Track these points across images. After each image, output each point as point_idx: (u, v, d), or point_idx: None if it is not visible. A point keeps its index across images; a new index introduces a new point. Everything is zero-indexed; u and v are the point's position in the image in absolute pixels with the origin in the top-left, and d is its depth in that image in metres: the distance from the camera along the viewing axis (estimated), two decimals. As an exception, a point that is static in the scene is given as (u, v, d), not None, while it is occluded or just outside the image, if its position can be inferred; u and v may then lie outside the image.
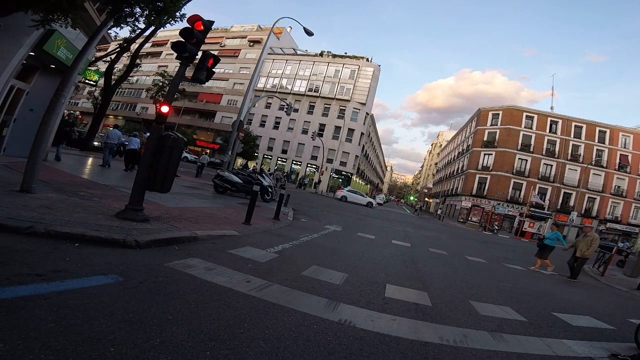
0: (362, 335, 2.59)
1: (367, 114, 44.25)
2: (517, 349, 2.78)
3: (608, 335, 3.74)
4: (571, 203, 36.30)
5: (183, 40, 5.07)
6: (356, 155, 43.26)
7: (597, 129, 38.79)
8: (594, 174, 36.73)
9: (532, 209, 31.83)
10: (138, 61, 28.89)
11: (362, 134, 43.59)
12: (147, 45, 58.63)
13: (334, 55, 47.20)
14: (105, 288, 2.51)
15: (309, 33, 18.15)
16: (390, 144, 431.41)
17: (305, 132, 42.98)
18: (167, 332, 2.05)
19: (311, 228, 8.49)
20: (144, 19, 7.67)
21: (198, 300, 2.67)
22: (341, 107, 43.31)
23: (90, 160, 13.00)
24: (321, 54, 48.30)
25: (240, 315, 2.54)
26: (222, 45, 52.23)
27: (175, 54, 5.15)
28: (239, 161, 41.84)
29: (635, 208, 37.20)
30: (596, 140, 38.40)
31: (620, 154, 37.92)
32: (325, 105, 44.18)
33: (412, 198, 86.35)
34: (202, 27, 5.22)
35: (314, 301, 3.16)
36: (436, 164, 78.08)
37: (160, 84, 41.13)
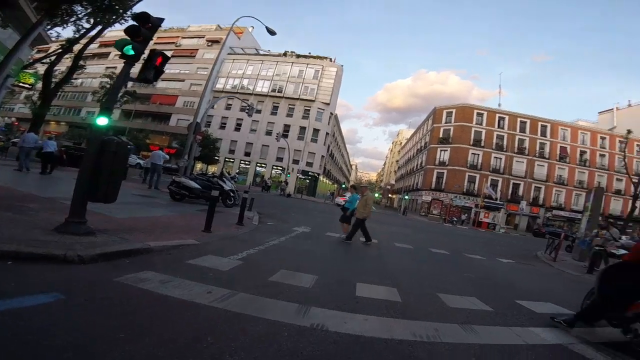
0: (335, 339, 2.49)
1: (332, 114, 44.61)
2: (489, 340, 2.83)
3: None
4: (520, 193, 39.41)
5: (128, 39, 4.68)
6: (322, 156, 43.44)
7: (539, 123, 42.37)
8: (538, 165, 40.06)
9: (485, 200, 34.00)
10: (82, 62, 26.57)
11: (327, 134, 43.86)
12: (94, 45, 54.87)
13: (298, 56, 46.92)
14: (44, 308, 2.22)
15: (271, 32, 17.77)
16: (354, 144, 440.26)
17: (269, 133, 42.28)
18: (118, 352, 1.83)
19: (278, 231, 8.28)
20: (87, 18, 7.04)
21: (153, 315, 2.43)
22: (306, 108, 43.21)
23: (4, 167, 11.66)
24: (285, 54, 47.81)
25: (202, 328, 2.34)
26: (178, 45, 49.94)
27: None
28: (199, 166, 40.17)
29: (576, 195, 40.68)
30: (539, 134, 41.85)
31: (560, 146, 41.67)
32: (290, 106, 43.84)
33: (376, 195, 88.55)
34: (149, 25, 4.84)
35: (283, 307, 3.02)
36: (397, 161, 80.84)
37: (108, 86, 38.25)
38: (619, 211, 38.68)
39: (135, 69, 4.74)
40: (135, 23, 4.80)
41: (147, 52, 4.98)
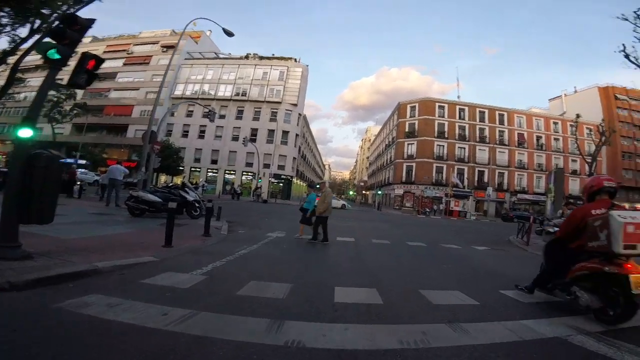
0: (314, 356, 2.15)
1: (300, 114, 44.22)
2: (482, 339, 2.60)
3: (557, 307, 3.66)
4: (485, 179, 41.29)
5: (53, 42, 4.16)
6: (294, 157, 42.91)
7: (497, 112, 44.64)
8: (499, 152, 42.14)
9: (454, 189, 35.19)
10: (21, 75, 24.06)
11: (297, 135, 43.39)
12: (37, 57, 50.87)
13: (261, 58, 46.03)
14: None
15: (228, 33, 17.08)
16: (325, 144, 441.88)
17: (235, 138, 41.07)
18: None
19: (250, 239, 7.81)
20: (12, 25, 6.26)
21: (95, 345, 2.08)
22: (273, 110, 42.47)
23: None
24: (247, 57, 46.71)
25: (155, 357, 1.99)
26: (130, 52, 47.43)
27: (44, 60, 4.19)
28: (163, 178, 38.18)
29: (537, 178, 43.14)
30: (497, 122, 44.08)
31: (518, 133, 44.18)
32: (256, 109, 42.90)
33: (351, 193, 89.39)
34: (77, 26, 4.31)
35: (253, 324, 2.64)
36: (367, 157, 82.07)
37: (55, 99, 35.33)
38: (577, 191, 41.43)
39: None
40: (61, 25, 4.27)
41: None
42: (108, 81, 47.12)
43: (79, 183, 15.74)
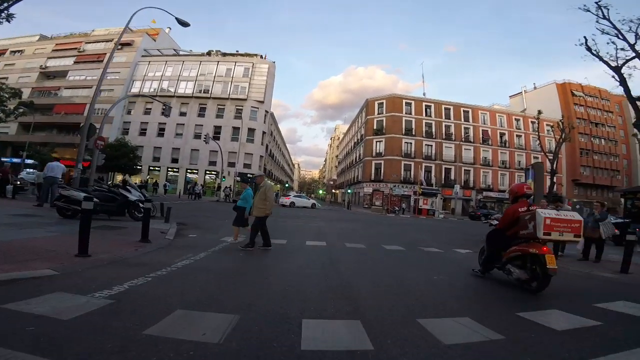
0: None
1: (267, 111, 42.46)
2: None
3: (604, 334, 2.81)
4: (452, 177, 41.80)
5: None
6: (261, 156, 41.08)
7: (462, 109, 44.66)
8: (465, 149, 42.80)
9: (422, 187, 35.33)
10: None
11: (264, 132, 41.60)
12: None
13: (224, 54, 43.50)
14: None
15: (183, 24, 15.37)
16: (294, 143, 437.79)
17: (198, 136, 38.52)
18: None
19: (200, 245, 6.46)
20: None
21: None
22: (237, 107, 40.34)
23: None
24: (209, 53, 44.05)
25: None
26: (82, 50, 43.51)
27: None
28: (119, 177, 34.93)
29: (501, 175, 43.88)
30: (462, 119, 44.07)
31: (482, 130, 44.33)
32: (219, 106, 40.56)
33: (321, 192, 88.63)
34: None
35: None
36: (337, 156, 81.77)
37: (-3, 97, 31.24)
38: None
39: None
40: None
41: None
42: (58, 79, 43.34)
43: (18, 183, 14.66)
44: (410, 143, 42.06)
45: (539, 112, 25.92)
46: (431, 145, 42.68)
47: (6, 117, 31.87)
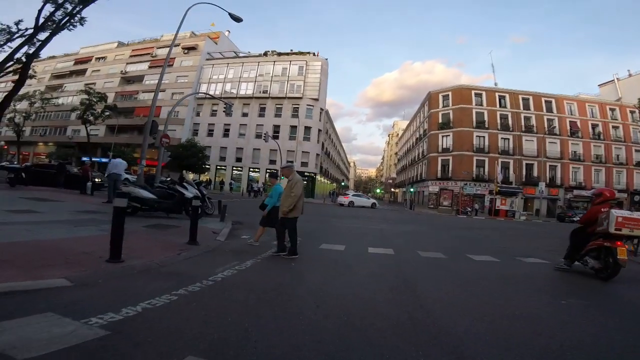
0: None
1: (322, 109, 41.94)
2: None
3: None
4: (535, 174, 36.54)
5: None
6: (317, 154, 40.72)
7: (543, 99, 39.46)
8: (550, 142, 37.09)
9: (500, 185, 31.25)
10: (60, 82, 23.81)
11: (319, 130, 41.18)
12: (69, 64, 52.72)
13: (280, 54, 44.27)
14: None
15: (236, 19, 15.25)
16: (349, 141, 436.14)
17: (259, 136, 39.52)
18: None
19: (251, 249, 5.67)
20: None
21: None
22: (294, 106, 40.56)
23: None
24: (265, 54, 45.29)
25: None
26: (154, 55, 47.61)
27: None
28: (191, 175, 37.59)
29: (595, 171, 37.61)
30: (544, 110, 38.87)
31: (570, 121, 38.64)
32: (277, 106, 41.22)
33: (378, 191, 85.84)
34: None
35: None
36: (396, 153, 78.13)
37: (87, 102, 36.16)
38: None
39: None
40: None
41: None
42: (136, 84, 48.01)
43: (98, 180, 15.63)
44: (483, 137, 37.71)
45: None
46: (508, 139, 37.78)
47: (95, 119, 36.48)
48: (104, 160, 40.62)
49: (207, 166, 38.57)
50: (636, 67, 77.66)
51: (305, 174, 39.40)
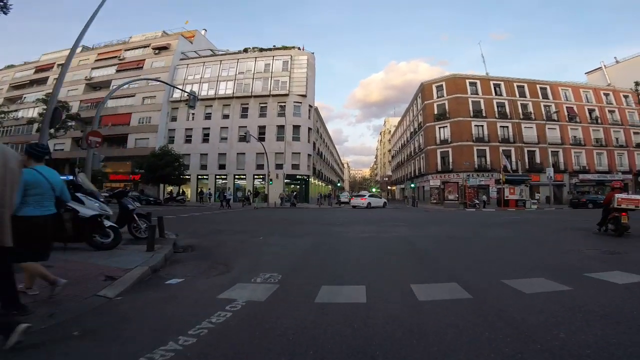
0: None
1: (311, 106, 38.99)
2: None
3: None
4: (537, 160, 34.94)
5: None
6: (309, 154, 37.64)
7: (538, 86, 38.82)
8: (549, 128, 35.19)
9: (507, 173, 28.90)
10: (19, 92, 20.14)
11: (309, 129, 38.14)
12: (29, 72, 48.25)
13: (261, 49, 40.94)
14: None
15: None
16: (342, 143, 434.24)
17: (242, 139, 36.19)
18: None
19: (174, 315, 2.59)
20: None
21: None
22: (280, 104, 37.43)
23: None
24: (245, 50, 41.90)
25: None
26: (122, 58, 43.70)
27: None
28: (169, 189, 33.92)
29: (597, 154, 37.12)
30: (540, 96, 38.15)
31: (567, 107, 38.08)
32: (261, 105, 37.97)
33: (374, 189, 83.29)
34: None
35: None
36: (389, 151, 75.80)
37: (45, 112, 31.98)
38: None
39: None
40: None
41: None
42: (103, 90, 43.80)
43: None
44: (482, 126, 35.78)
45: (638, 84, 19.32)
46: (507, 127, 36.16)
47: (55, 132, 32.04)
48: (69, 177, 36.72)
49: (186, 176, 35.02)
50: (608, 59, 78.15)
51: (297, 177, 36.35)
